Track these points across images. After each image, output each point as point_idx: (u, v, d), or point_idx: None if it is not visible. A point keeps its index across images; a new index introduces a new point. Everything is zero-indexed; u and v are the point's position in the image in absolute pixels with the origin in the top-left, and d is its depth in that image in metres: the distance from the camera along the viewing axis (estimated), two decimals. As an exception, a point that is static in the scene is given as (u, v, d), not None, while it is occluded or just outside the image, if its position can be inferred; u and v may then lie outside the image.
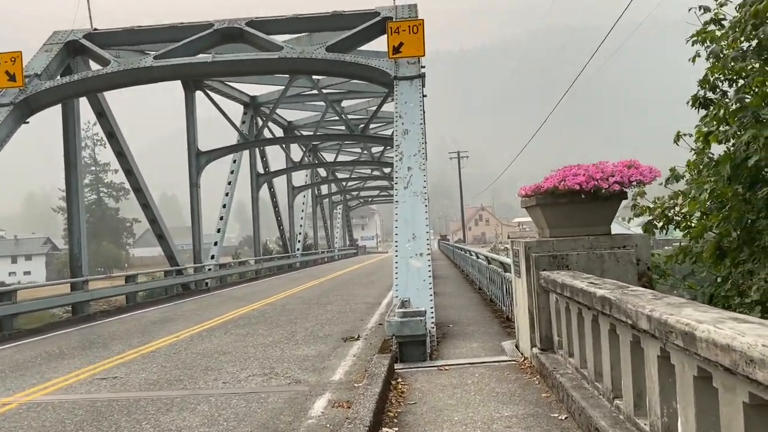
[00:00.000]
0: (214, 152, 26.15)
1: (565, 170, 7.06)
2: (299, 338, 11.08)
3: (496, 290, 12.23)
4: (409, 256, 9.82)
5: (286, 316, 14.54)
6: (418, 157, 11.59)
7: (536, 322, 6.73)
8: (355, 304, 16.19)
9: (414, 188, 10.96)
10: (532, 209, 7.45)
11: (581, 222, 7.06)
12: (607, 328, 4.47)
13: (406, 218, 10.46)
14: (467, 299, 14.58)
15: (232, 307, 17.49)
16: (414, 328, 7.33)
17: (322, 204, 53.71)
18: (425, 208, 10.63)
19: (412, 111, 12.61)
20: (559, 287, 5.73)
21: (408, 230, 10.24)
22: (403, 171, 11.33)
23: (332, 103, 29.89)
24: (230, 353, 9.99)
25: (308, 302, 17.46)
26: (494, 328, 9.98)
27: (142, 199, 21.27)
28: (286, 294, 20.72)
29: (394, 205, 10.81)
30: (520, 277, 7.38)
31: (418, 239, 10.07)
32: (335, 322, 12.88)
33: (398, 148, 11.83)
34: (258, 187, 34.00)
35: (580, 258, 6.65)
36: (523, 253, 7.06)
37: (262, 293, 21.68)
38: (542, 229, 7.48)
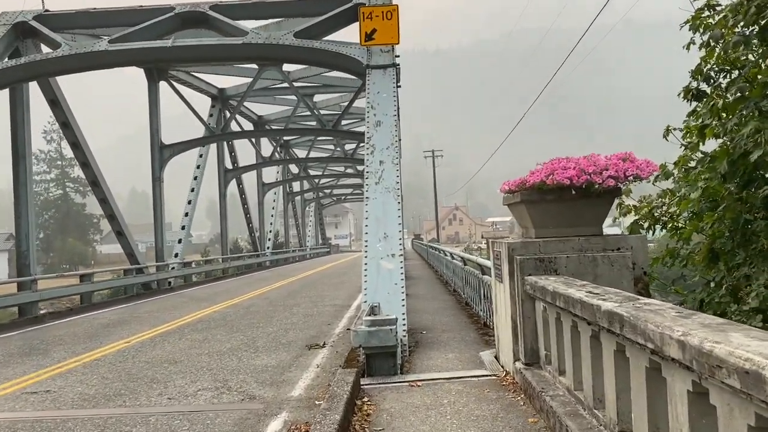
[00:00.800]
0: (178, 145, 25.02)
1: (554, 163, 6.32)
2: (260, 345, 10.20)
3: (473, 293, 11.50)
4: (380, 257, 9.02)
5: (248, 319, 13.62)
6: (390, 151, 10.79)
7: (520, 332, 5.98)
8: (323, 307, 15.34)
9: (386, 184, 10.16)
10: (516, 206, 6.70)
11: (570, 221, 6.33)
12: (612, 348, 3.72)
13: (377, 216, 9.66)
14: (442, 302, 13.83)
15: (193, 308, 16.51)
16: (383, 339, 6.52)
17: (294, 201, 52.61)
18: (398, 206, 9.84)
19: (385, 101, 11.81)
20: (549, 296, 4.97)
21: (379, 229, 9.44)
22: (374, 165, 10.52)
23: (304, 98, 28.99)
24: (182, 362, 9.08)
25: (274, 304, 16.55)
26: (471, 336, 9.22)
27: (99, 194, 20.10)
28: (252, 294, 19.77)
29: (364, 201, 10.00)
30: (501, 282, 6.62)
31: (389, 239, 9.28)
32: (300, 327, 12.02)
33: (369, 140, 11.02)
34: (226, 183, 32.87)
35: (570, 261, 5.91)
36: (506, 256, 6.31)
37: (227, 294, 20.69)
38: (526, 229, 6.74)
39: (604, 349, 3.89)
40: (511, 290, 6.16)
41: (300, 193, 53.92)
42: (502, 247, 6.52)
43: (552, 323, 5.30)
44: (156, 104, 24.46)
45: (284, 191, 47.69)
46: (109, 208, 20.36)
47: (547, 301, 5.10)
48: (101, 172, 19.92)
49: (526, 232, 6.78)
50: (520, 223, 6.93)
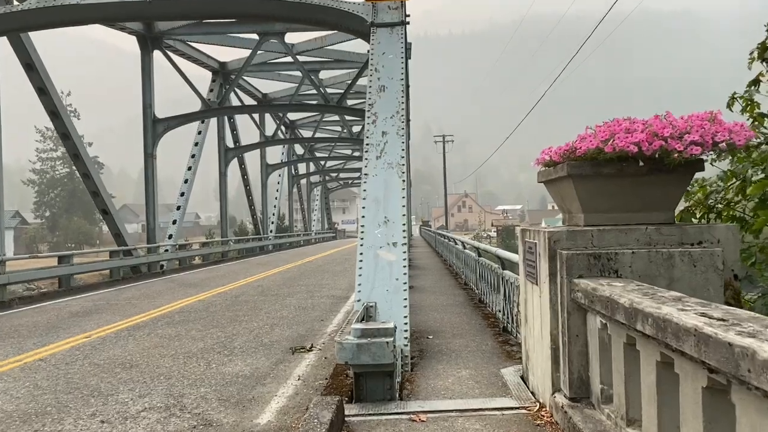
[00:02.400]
0: (173, 119, 23.43)
1: (613, 125, 4.66)
2: (237, 345, 8.65)
3: (489, 290, 9.88)
4: (379, 245, 7.41)
5: (234, 311, 12.08)
6: (395, 120, 9.14)
7: (563, 355, 4.37)
8: (319, 298, 13.78)
9: (389, 158, 8.52)
10: (557, 184, 5.05)
11: (633, 204, 4.68)
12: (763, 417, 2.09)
13: (376, 196, 8.03)
14: (451, 298, 12.21)
15: (178, 295, 15.02)
16: (377, 355, 4.93)
17: (299, 184, 51.00)
18: (403, 185, 8.20)
19: (392, 63, 10.14)
20: (620, 312, 3.34)
21: (378, 212, 7.81)
22: (375, 136, 8.88)
23: (309, 74, 27.26)
24: (139, 366, 7.54)
25: (266, 293, 15.01)
26: (488, 343, 7.59)
27: (81, 168, 18.56)
28: (246, 281, 18.26)
29: (362, 179, 8.36)
30: (536, 284, 4.99)
31: (391, 224, 7.66)
32: (289, 323, 10.46)
33: (371, 108, 9.36)
34: (226, 162, 31.28)
35: (637, 259, 4.27)
36: (545, 250, 4.67)
37: (220, 279, 19.19)
38: (570, 214, 5.09)
39: (740, 408, 2.26)
40: (552, 296, 4.53)
41: (306, 175, 52.27)
42: (539, 237, 4.88)
43: (617, 349, 3.68)
44: (149, 75, 22.85)
45: (289, 173, 46.08)
46: (92, 184, 18.82)
47: (616, 319, 3.47)
48: (84, 145, 18.38)
49: (569, 219, 5.14)
50: (562, 206, 5.29)
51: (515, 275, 7.31)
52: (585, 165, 4.63)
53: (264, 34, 22.99)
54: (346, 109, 24.85)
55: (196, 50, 27.32)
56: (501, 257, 7.90)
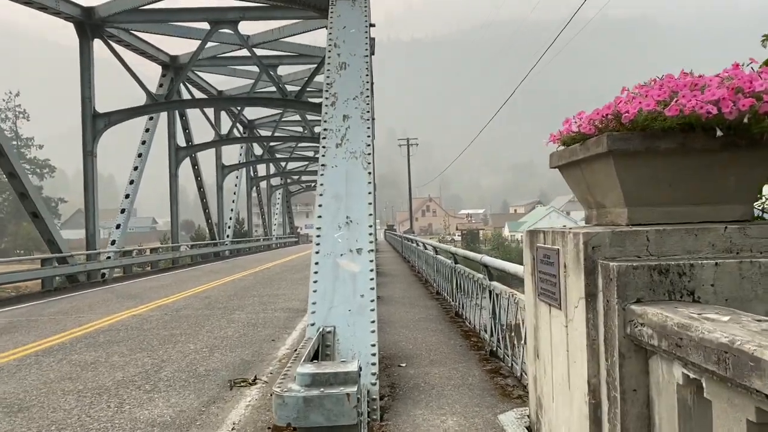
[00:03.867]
0: (115, 114, 21.45)
1: (668, 81, 3.24)
2: (164, 376, 7.01)
3: (468, 302, 8.44)
4: (339, 252, 5.89)
5: (171, 328, 10.39)
6: (359, 102, 7.64)
7: (611, 417, 2.92)
8: (273, 311, 12.15)
9: (352, 146, 7.02)
10: (586, 166, 3.61)
11: (698, 193, 3.27)
12: None
13: (336, 192, 6.51)
14: (423, 310, 10.74)
15: (112, 309, 13.23)
16: (334, 413, 3.41)
17: (259, 187, 49.00)
18: (369, 178, 6.71)
19: (354, 39, 8.64)
20: (759, 373, 1.88)
21: (339, 211, 6.30)
22: (335, 120, 7.37)
23: (267, 68, 25.57)
24: (29, 410, 5.85)
25: (213, 306, 13.31)
26: (474, 373, 6.12)
27: (6, 167, 16.51)
28: (194, 291, 16.50)
29: (319, 171, 6.84)
30: (558, 309, 3.53)
31: (355, 226, 6.15)
32: (233, 344, 8.83)
33: (330, 87, 7.84)
34: (178, 162, 29.30)
35: (723, 274, 2.85)
36: (578, 259, 3.21)
37: (165, 289, 17.37)
38: (602, 209, 3.66)
39: None
40: (590, 328, 3.07)
41: (266, 177, 50.28)
42: (564, 242, 3.42)
43: (728, 426, 2.23)
44: (88, 65, 20.85)
45: (247, 175, 44.11)
46: (19, 185, 16.80)
47: (742, 384, 2.02)
48: (8, 141, 16.35)
49: (599, 216, 3.70)
50: (587, 198, 3.86)
51: (506, 288, 5.88)
52: (634, 137, 3.19)
53: (216, 22, 21.28)
54: (305, 104, 23.23)
55: (144, 42, 25.40)
56: (489, 266, 6.46)
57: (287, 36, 24.05)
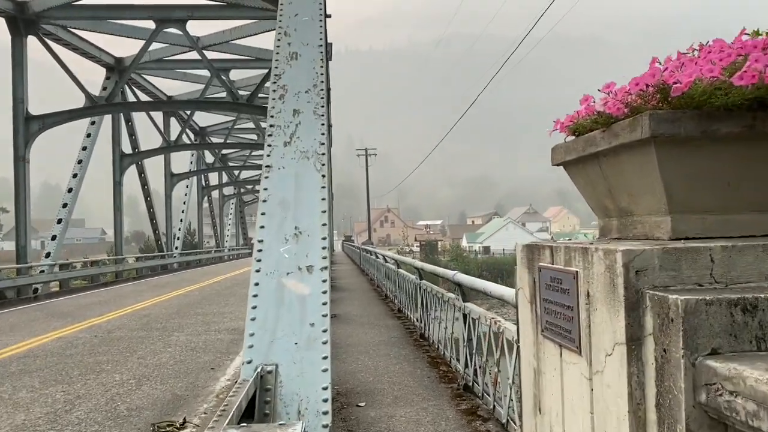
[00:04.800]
0: (50, 117, 19.87)
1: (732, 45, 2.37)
2: (73, 420, 5.83)
3: (436, 326, 7.50)
4: (285, 271, 4.86)
5: (98, 354, 9.13)
6: (312, 96, 6.65)
7: None
8: (217, 333, 10.98)
9: (303, 145, 6.01)
10: (609, 159, 2.70)
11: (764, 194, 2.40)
12: None
13: (283, 198, 5.49)
14: (384, 331, 9.74)
15: (36, 330, 11.82)
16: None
17: (211, 196, 47.28)
18: (322, 182, 5.71)
19: (307, 27, 7.65)
20: None
21: (286, 220, 5.28)
22: (283, 116, 6.35)
23: (218, 72, 24.33)
24: None
25: (151, 325, 12.04)
26: (448, 414, 5.15)
27: None
28: (133, 308, 15.13)
29: (263, 173, 5.80)
30: (579, 355, 2.59)
31: (305, 239, 5.14)
32: (165, 374, 7.67)
33: (278, 79, 6.82)
34: (122, 170, 27.65)
35: (835, 313, 1.96)
36: (614, 285, 2.27)
37: (102, 306, 15.94)
38: (628, 217, 2.76)
39: None
40: (633, 388, 2.14)
41: (218, 186, 48.55)
42: (589, 261, 2.48)
43: None
44: (21, 64, 19.25)
45: (198, 184, 42.42)
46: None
47: None
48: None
49: (626, 226, 2.80)
50: (604, 202, 2.95)
51: (485, 313, 4.95)
52: (687, 118, 2.30)
53: (161, 21, 19.99)
54: (257, 108, 22.08)
55: (86, 42, 23.86)
56: (463, 285, 5.53)
57: (240, 38, 22.90)
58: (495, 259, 62.11)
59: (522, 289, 3.29)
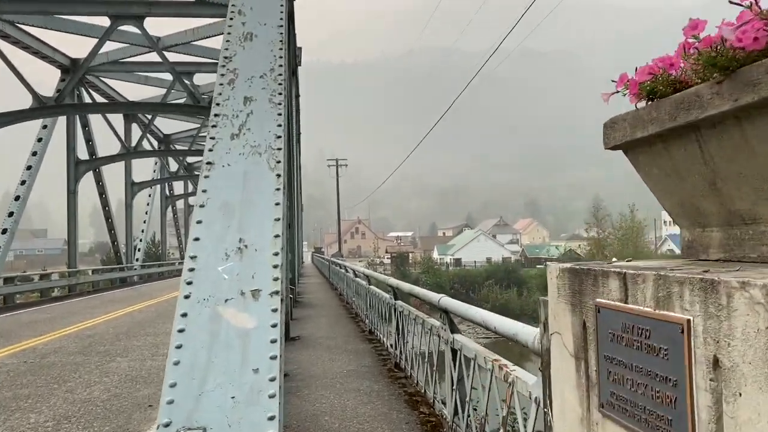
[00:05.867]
0: (-12, 118, 18.34)
1: None
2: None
3: (413, 353, 6.39)
4: (224, 297, 3.74)
5: (19, 386, 7.80)
6: (269, 82, 5.55)
7: None
8: (164, 357, 9.67)
9: (255, 139, 4.91)
10: (746, 122, 1.62)
11: None
12: None
13: (226, 202, 4.36)
14: (353, 357, 8.57)
15: (-43, 356, 10.37)
16: None
17: (175, 206, 45.54)
18: (277, 183, 4.60)
19: (265, 4, 6.56)
20: None
21: (229, 230, 4.15)
22: (232, 104, 5.24)
23: (181, 76, 23.01)
24: None
25: (92, 348, 10.70)
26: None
27: None
28: (78, 327, 13.72)
29: (202, 171, 4.67)
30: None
31: (252, 254, 4.02)
32: (93, 414, 6.41)
33: (228, 62, 5.72)
34: (77, 177, 26.04)
35: None
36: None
37: (45, 324, 14.48)
38: (754, 225, 1.70)
39: None
40: None
41: (183, 196, 46.79)
42: (719, 303, 1.41)
43: None
44: (-39, 61, 17.74)
45: (162, 193, 40.73)
46: None
47: None
48: None
49: (742, 239, 1.76)
50: (697, 201, 1.89)
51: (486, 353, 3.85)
52: None
53: (117, 17, 18.64)
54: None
55: (38, 41, 22.37)
56: (450, 312, 4.39)
57: (203, 38, 21.64)
58: (467, 271, 61.24)
59: (560, 334, 2.21)
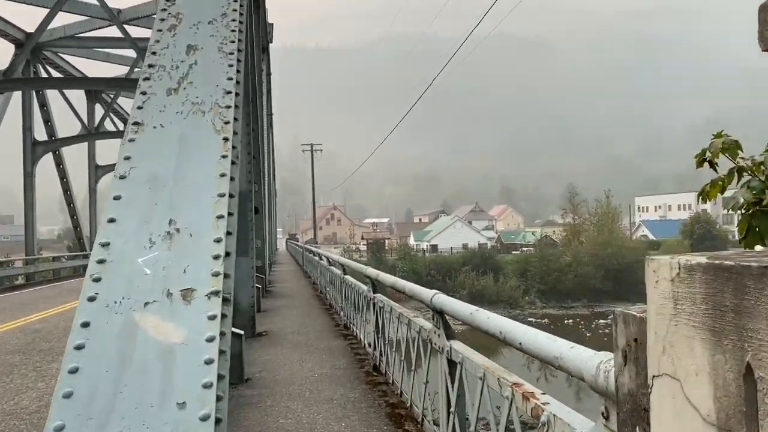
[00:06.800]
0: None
1: None
2: None
3: (395, 356, 5.46)
4: (143, 300, 2.72)
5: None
6: (219, 28, 4.53)
7: None
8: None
9: (198, 95, 3.89)
10: None
11: None
12: None
13: (155, 174, 3.34)
14: (326, 358, 7.58)
15: None
16: None
17: (144, 192, 43.81)
18: (224, 148, 3.57)
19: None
20: None
21: (156, 209, 3.13)
22: (172, 53, 4.22)
23: (143, 52, 21.59)
24: None
25: (33, 346, 9.57)
26: None
27: None
28: (26, 320, 12.57)
29: (126, 133, 3.62)
30: None
31: (185, 240, 3.00)
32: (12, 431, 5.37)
33: (170, 5, 4.67)
34: (34, 159, 24.52)
35: None
36: None
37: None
38: None
39: None
40: None
41: (152, 182, 45.14)
42: None
43: None
44: None
45: (129, 178, 39.06)
46: None
47: None
48: None
49: None
50: None
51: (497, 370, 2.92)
52: None
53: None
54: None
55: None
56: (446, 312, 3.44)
57: (166, 10, 20.29)
58: (443, 258, 60.54)
59: (678, 381, 1.25)
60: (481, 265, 54.05)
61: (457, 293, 52.17)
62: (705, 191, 5.40)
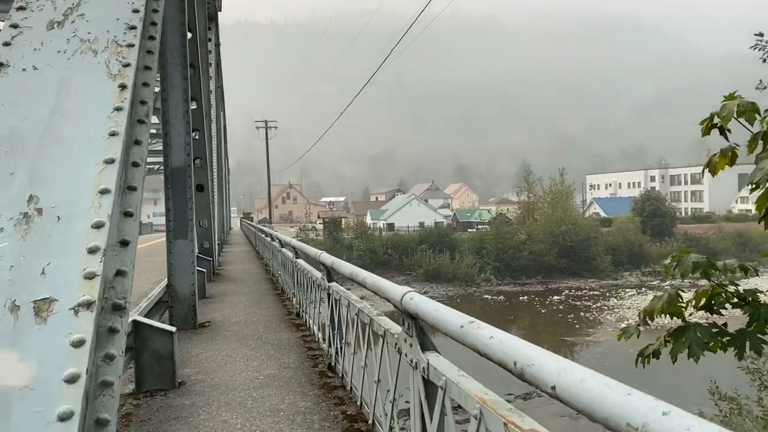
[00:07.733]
0: None
1: None
2: None
3: (353, 355, 4.64)
4: None
5: None
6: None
7: None
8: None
9: (89, 29, 2.90)
10: None
11: None
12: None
13: (15, 129, 2.38)
14: (275, 354, 6.65)
15: None
16: None
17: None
18: (119, 98, 2.62)
19: None
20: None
21: (13, 179, 2.18)
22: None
23: None
24: None
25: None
26: None
27: None
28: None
29: (-17, 76, 2.62)
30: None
31: (49, 223, 2.09)
32: None
33: None
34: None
35: None
36: None
37: None
38: None
39: None
40: None
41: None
42: None
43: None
44: None
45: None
46: None
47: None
48: None
49: None
50: None
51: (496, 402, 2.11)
52: None
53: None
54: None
55: None
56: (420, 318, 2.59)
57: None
58: (400, 236, 59.91)
59: None
60: (437, 244, 53.68)
61: (413, 272, 51.77)
62: (712, 162, 4.50)
